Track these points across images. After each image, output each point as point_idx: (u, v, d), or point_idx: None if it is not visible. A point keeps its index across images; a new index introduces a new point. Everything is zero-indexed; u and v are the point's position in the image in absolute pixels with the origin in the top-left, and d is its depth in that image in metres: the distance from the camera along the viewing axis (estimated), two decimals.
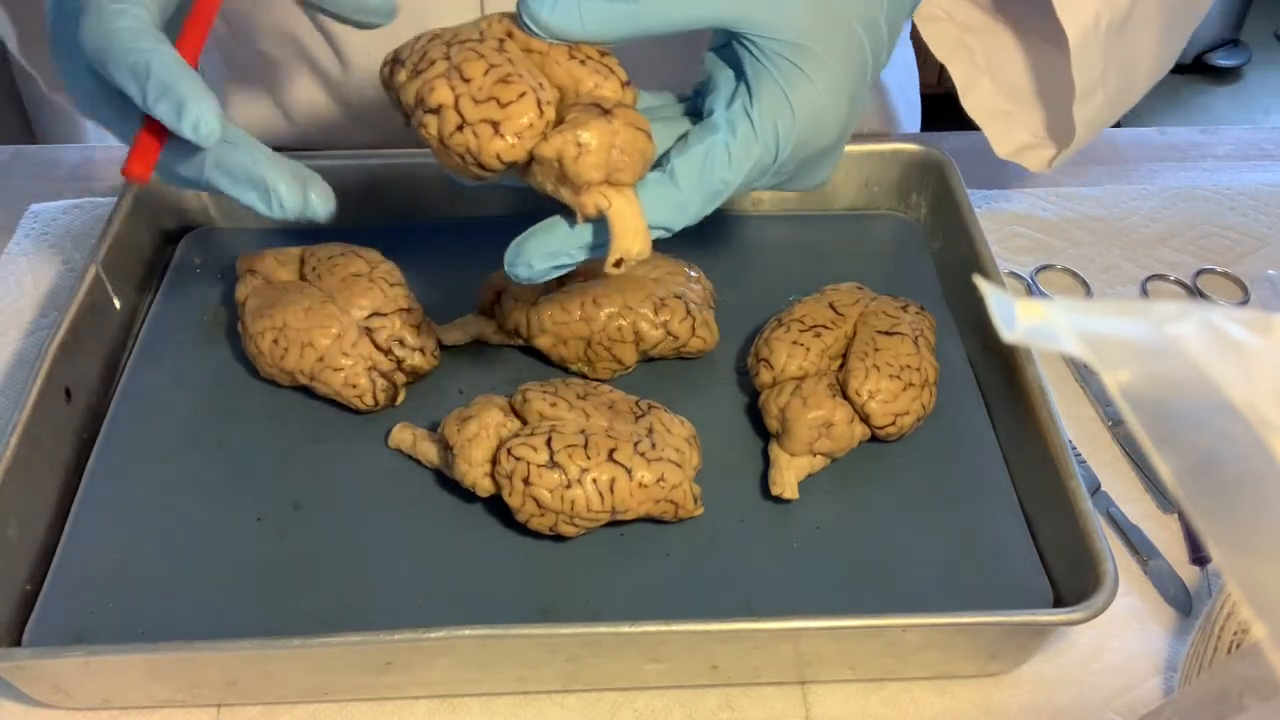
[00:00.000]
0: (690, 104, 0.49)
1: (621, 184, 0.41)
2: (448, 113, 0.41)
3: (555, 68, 0.42)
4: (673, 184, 0.43)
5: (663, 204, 0.43)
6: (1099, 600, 0.46)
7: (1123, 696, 0.50)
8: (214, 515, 0.53)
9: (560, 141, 0.40)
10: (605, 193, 0.41)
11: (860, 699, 0.50)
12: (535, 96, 0.40)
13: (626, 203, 0.41)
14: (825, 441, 0.53)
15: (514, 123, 0.40)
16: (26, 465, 0.52)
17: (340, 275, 0.58)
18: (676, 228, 0.44)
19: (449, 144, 0.41)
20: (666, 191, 0.43)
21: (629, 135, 0.41)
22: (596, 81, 0.42)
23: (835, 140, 0.47)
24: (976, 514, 0.54)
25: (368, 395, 0.56)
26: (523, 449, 0.49)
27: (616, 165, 0.41)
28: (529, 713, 0.49)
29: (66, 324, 0.57)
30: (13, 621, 0.49)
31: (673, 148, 0.45)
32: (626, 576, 0.51)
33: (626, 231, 0.41)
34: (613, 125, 0.40)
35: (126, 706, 0.49)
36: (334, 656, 0.46)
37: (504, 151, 0.40)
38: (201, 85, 0.40)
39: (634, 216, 0.41)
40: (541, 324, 0.58)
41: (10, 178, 0.77)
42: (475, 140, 0.40)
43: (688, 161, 0.43)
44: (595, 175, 0.41)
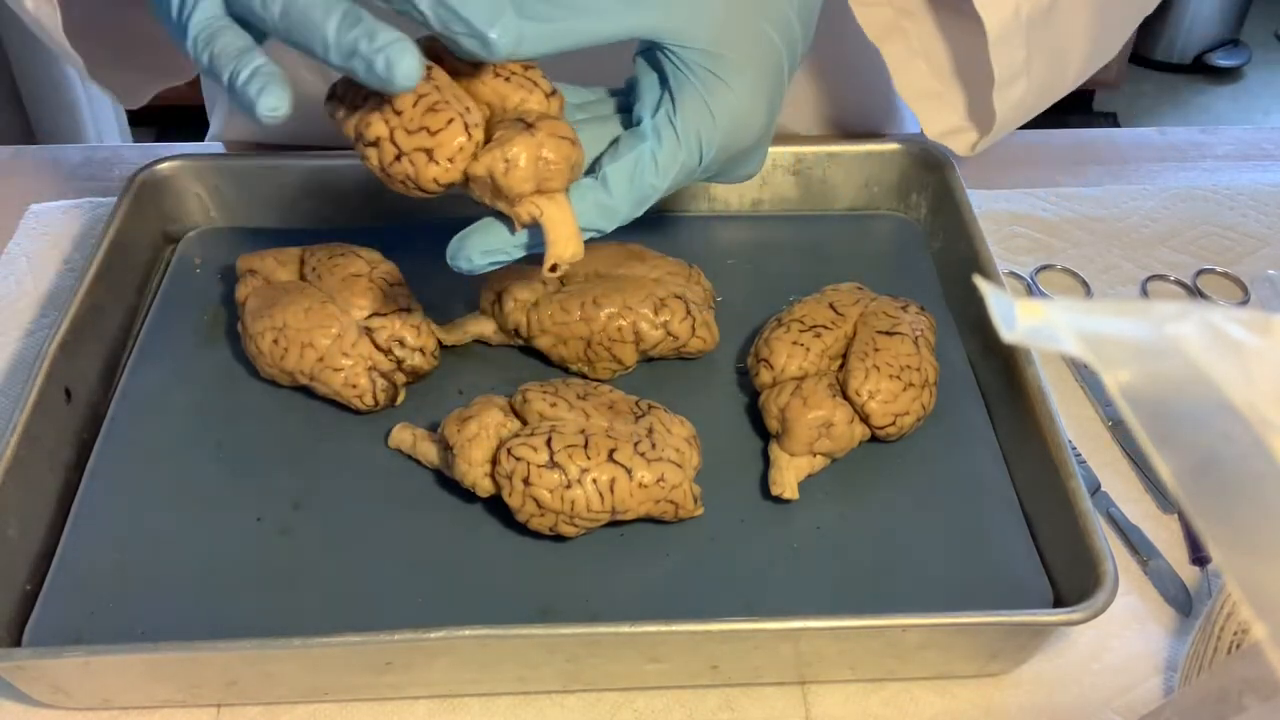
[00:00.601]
0: (622, 99, 0.51)
1: (552, 190, 0.44)
2: (385, 145, 0.43)
3: (481, 87, 0.45)
4: (604, 190, 0.46)
5: (595, 208, 0.46)
6: (1099, 600, 0.46)
7: (1123, 696, 0.50)
8: (214, 515, 0.53)
9: (489, 160, 0.43)
10: (537, 202, 0.44)
11: (860, 699, 0.50)
12: (463, 121, 0.43)
13: (558, 210, 0.44)
14: (825, 441, 0.53)
15: (446, 149, 0.43)
16: (26, 465, 0.52)
17: (340, 275, 0.58)
18: (608, 229, 0.47)
19: (390, 172, 0.44)
20: (598, 196, 0.46)
21: (554, 145, 0.43)
22: (522, 96, 0.45)
23: (758, 139, 0.50)
24: (976, 514, 0.54)
25: (368, 395, 0.56)
26: (523, 449, 0.49)
27: (545, 175, 0.43)
28: (529, 713, 0.49)
29: (66, 324, 0.57)
30: (13, 621, 0.49)
31: (605, 152, 0.47)
32: (626, 576, 0.51)
33: (559, 238, 0.44)
34: (537, 138, 0.43)
35: (126, 706, 0.49)
36: (334, 656, 0.46)
37: (439, 175, 0.43)
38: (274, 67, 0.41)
39: (566, 223, 0.44)
40: (541, 324, 0.58)
41: (10, 178, 0.77)
42: (413, 168, 0.43)
43: (619, 169, 0.46)
44: (526, 186, 0.43)
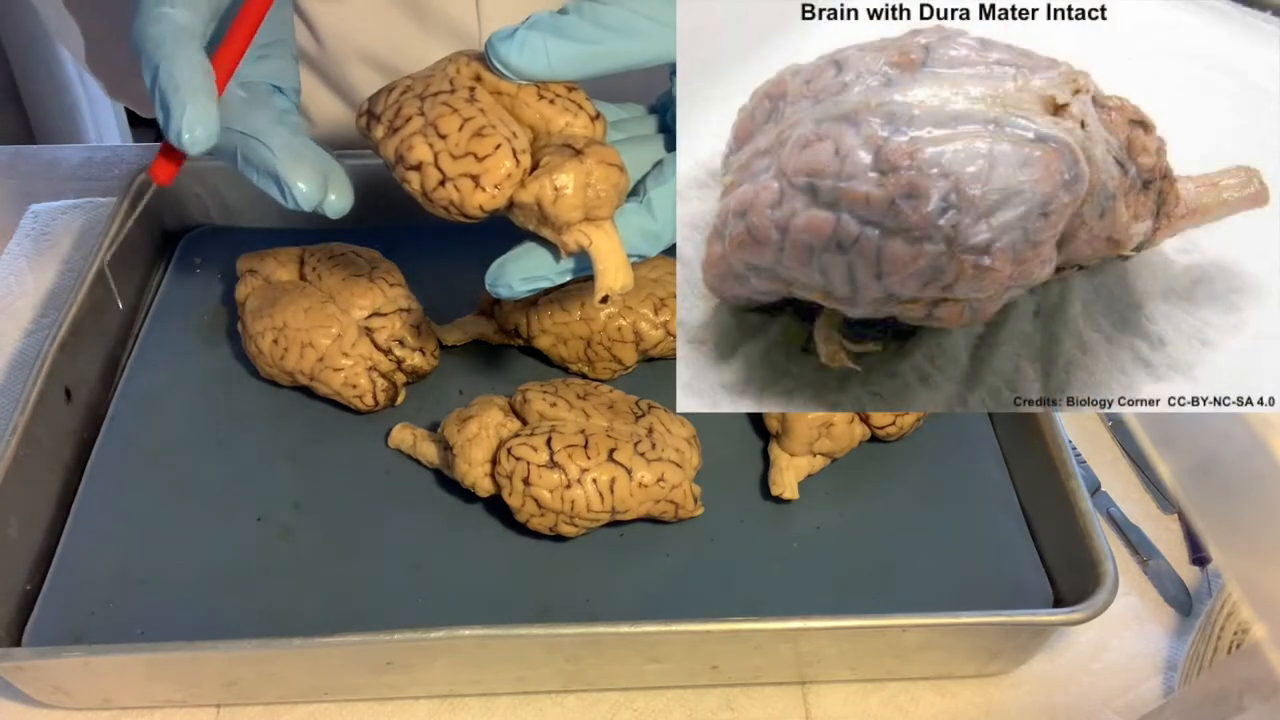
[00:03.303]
0: (660, 119, 0.49)
1: (600, 219, 0.43)
2: (429, 169, 0.42)
3: (525, 109, 0.44)
4: (649, 215, 0.44)
5: (640, 234, 0.44)
6: (1099, 600, 0.46)
7: (1123, 696, 0.50)
8: (214, 515, 0.53)
9: (537, 187, 0.42)
10: (585, 230, 0.43)
11: (860, 699, 0.50)
12: (510, 146, 0.42)
13: (607, 239, 0.43)
14: (825, 441, 0.53)
15: (492, 175, 0.42)
16: (26, 465, 0.52)
17: (340, 275, 0.58)
18: (653, 254, 0.45)
19: (432, 198, 0.43)
20: (644, 222, 0.44)
21: (602, 172, 0.42)
22: (567, 120, 0.44)
23: None
24: (976, 514, 0.54)
25: (368, 395, 0.56)
26: (523, 449, 0.49)
27: (593, 203, 0.42)
28: (529, 713, 0.49)
29: (66, 324, 0.57)
30: (13, 621, 0.49)
31: (649, 175, 0.46)
32: (626, 576, 0.51)
33: (609, 269, 0.43)
34: (585, 165, 0.42)
35: (126, 706, 0.49)
36: (334, 656, 0.46)
37: (486, 203, 0.42)
38: (202, 93, 0.41)
39: (615, 252, 0.43)
40: (541, 324, 0.58)
41: (10, 178, 0.77)
42: (458, 194, 0.42)
43: (664, 195, 0.45)
44: (574, 215, 0.42)
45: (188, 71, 0.42)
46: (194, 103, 0.41)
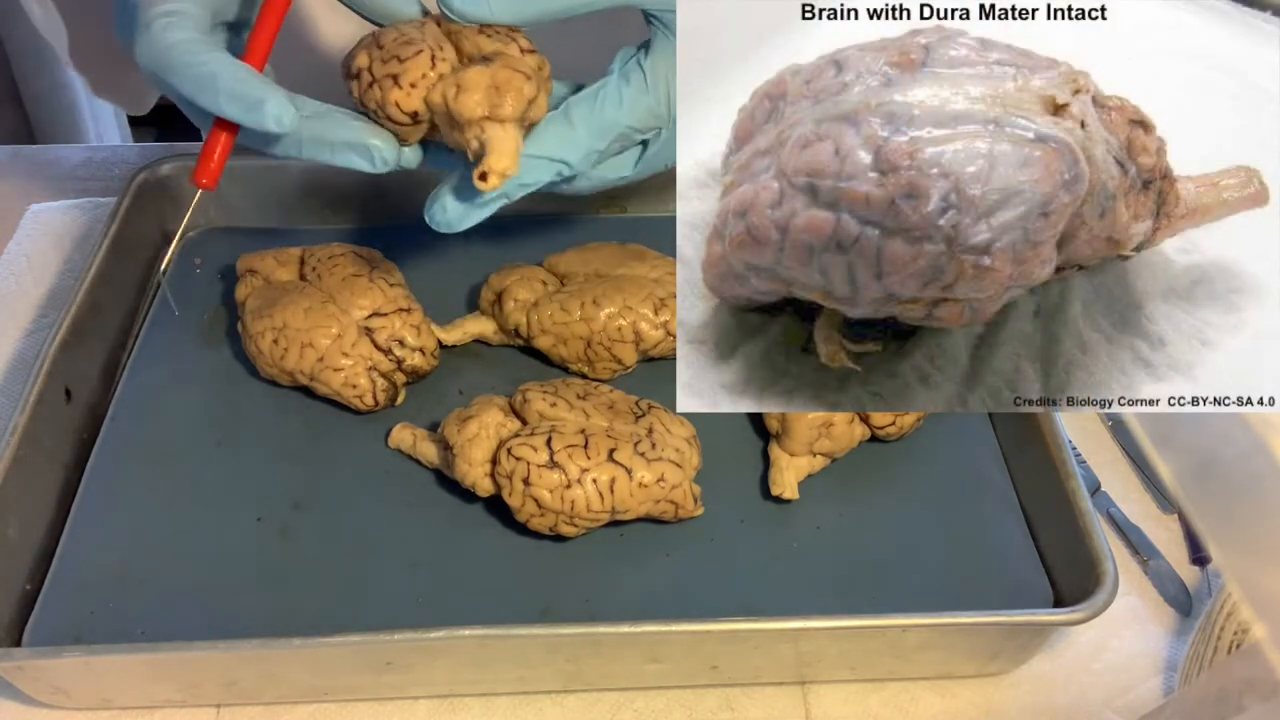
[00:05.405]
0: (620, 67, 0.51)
1: (503, 119, 0.45)
2: (363, 74, 0.46)
3: (465, 42, 0.47)
4: (565, 120, 0.46)
5: (556, 139, 0.46)
6: (1099, 600, 0.46)
7: (1123, 696, 0.50)
8: (214, 515, 0.53)
9: (443, 85, 0.45)
10: (485, 126, 0.45)
11: (860, 699, 0.50)
12: (431, 53, 0.45)
13: (503, 130, 0.45)
14: (825, 441, 0.53)
15: (410, 75, 0.45)
16: (26, 465, 0.52)
17: (340, 275, 0.58)
18: (573, 161, 0.47)
19: (364, 101, 0.46)
20: (560, 128, 0.46)
21: (505, 75, 0.45)
22: (497, 47, 0.46)
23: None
24: (976, 514, 0.54)
25: (368, 395, 0.56)
26: (523, 449, 0.49)
27: (495, 102, 0.44)
28: (529, 713, 0.49)
29: (66, 324, 0.57)
30: (13, 621, 0.49)
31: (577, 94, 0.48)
32: (626, 576, 0.51)
33: (496, 152, 0.44)
34: (491, 69, 0.44)
35: (126, 706, 0.49)
36: (334, 656, 0.46)
37: (401, 100, 0.45)
38: (266, 82, 0.43)
39: (508, 139, 0.45)
40: (541, 324, 0.58)
41: (10, 178, 0.77)
42: (379, 93, 0.45)
43: (580, 99, 0.47)
44: (476, 111, 0.44)
45: (235, 67, 0.43)
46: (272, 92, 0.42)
